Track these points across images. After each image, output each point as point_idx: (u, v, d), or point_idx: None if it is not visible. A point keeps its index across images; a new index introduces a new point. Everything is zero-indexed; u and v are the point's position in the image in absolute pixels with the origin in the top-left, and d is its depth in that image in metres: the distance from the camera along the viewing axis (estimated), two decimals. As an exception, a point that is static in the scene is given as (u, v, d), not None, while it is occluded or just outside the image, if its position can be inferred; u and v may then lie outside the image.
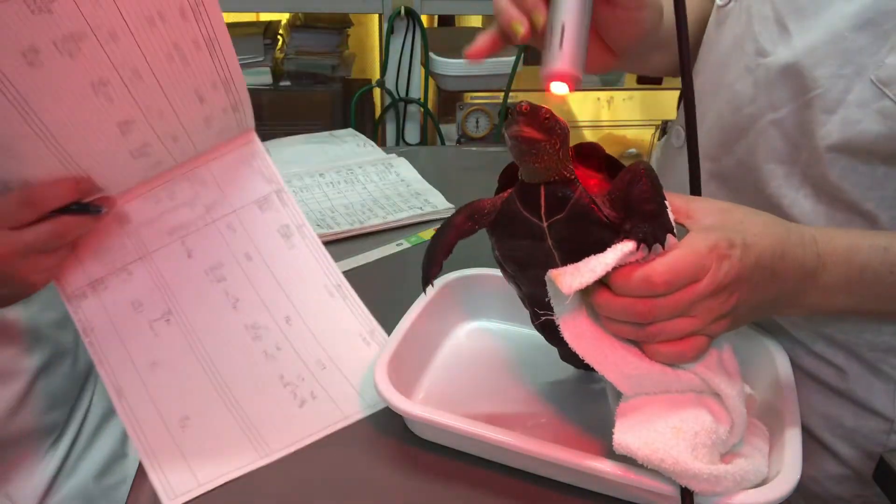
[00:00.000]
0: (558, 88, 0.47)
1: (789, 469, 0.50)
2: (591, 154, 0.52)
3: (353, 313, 0.66)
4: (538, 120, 0.45)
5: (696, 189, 0.52)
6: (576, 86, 0.47)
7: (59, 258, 0.59)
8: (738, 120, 0.62)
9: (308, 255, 0.66)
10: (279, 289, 0.65)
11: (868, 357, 0.62)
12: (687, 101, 0.53)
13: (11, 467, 0.75)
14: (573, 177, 0.48)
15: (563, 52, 0.46)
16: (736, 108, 0.62)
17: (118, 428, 0.87)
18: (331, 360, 0.64)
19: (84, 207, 0.59)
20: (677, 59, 0.52)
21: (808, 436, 0.65)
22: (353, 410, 0.62)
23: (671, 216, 0.47)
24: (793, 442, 0.52)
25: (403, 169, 1.08)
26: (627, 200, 0.46)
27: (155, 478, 0.56)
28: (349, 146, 1.16)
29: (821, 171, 0.57)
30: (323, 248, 0.67)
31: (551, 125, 0.46)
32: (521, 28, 0.49)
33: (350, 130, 1.24)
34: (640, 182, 0.46)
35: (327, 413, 0.61)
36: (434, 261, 0.55)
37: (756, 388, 0.59)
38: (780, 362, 0.60)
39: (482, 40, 0.52)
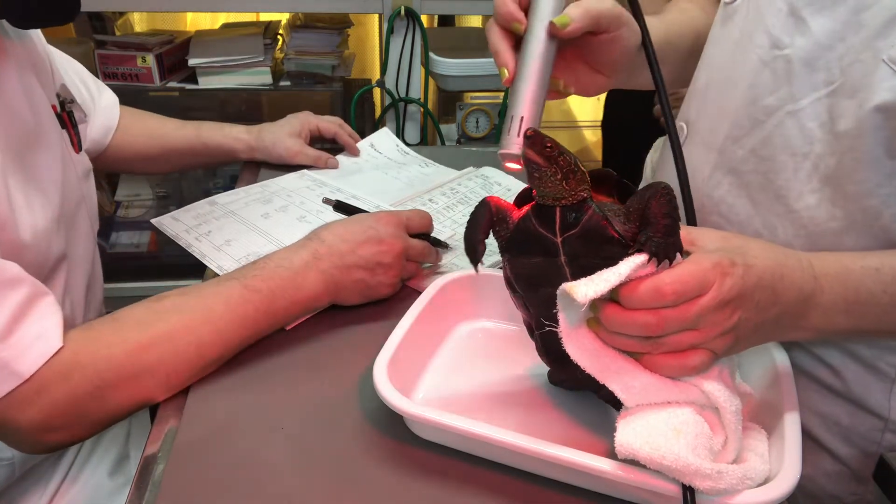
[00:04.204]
0: (512, 166, 0.55)
1: (789, 468, 0.50)
2: (604, 179, 0.55)
3: None
4: (538, 146, 0.49)
5: (684, 184, 0.55)
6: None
7: (407, 274, 0.77)
8: (753, 112, 0.62)
9: None
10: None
11: (865, 355, 0.62)
12: (665, 115, 0.55)
13: (22, 480, 0.75)
14: (588, 196, 0.50)
15: (520, 140, 0.53)
16: (750, 100, 0.62)
17: (121, 429, 0.87)
18: None
19: (438, 241, 0.83)
20: (669, 72, 0.58)
21: (805, 434, 0.65)
22: None
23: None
24: (792, 441, 0.52)
25: (500, 177, 1.08)
26: (645, 214, 0.49)
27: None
28: (414, 168, 1.12)
29: (832, 164, 0.58)
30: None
31: (552, 154, 0.49)
32: (506, 74, 0.57)
33: (385, 131, 1.21)
34: (660, 199, 0.48)
35: None
36: (478, 239, 0.57)
37: (755, 386, 0.59)
38: (779, 361, 0.60)
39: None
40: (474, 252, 0.58)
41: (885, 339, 0.62)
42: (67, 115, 0.77)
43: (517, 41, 0.57)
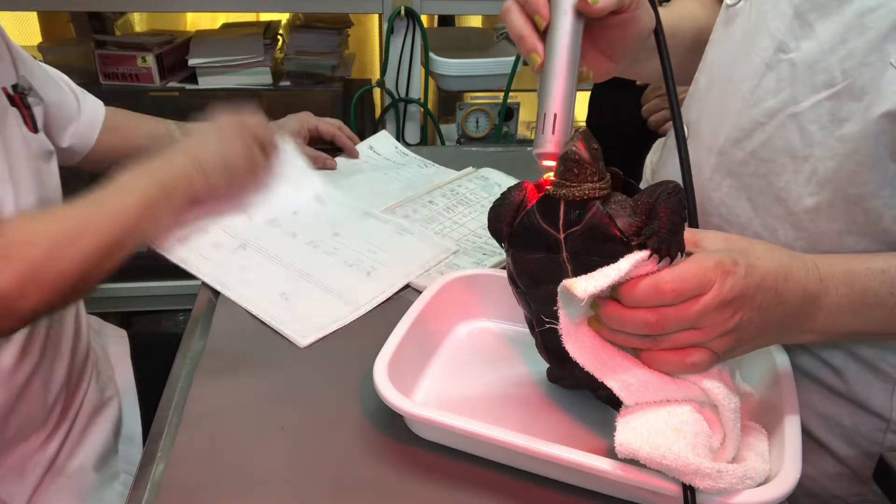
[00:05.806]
0: (549, 164, 0.54)
1: (789, 468, 0.50)
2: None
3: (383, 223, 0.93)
4: (588, 143, 0.50)
5: (688, 184, 0.55)
6: None
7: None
8: (754, 114, 0.62)
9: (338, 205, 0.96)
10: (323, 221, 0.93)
11: (867, 355, 0.62)
12: (673, 109, 0.56)
13: (2, 467, 0.75)
14: (595, 195, 0.50)
15: (555, 138, 0.53)
16: (752, 102, 0.62)
17: (109, 423, 0.87)
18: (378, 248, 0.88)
19: None
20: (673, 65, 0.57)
21: (807, 435, 0.65)
22: (407, 277, 0.82)
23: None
24: (793, 441, 0.52)
25: (499, 178, 1.08)
26: (653, 209, 0.49)
27: (283, 329, 0.73)
28: (413, 169, 1.12)
29: (831, 167, 0.57)
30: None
31: (597, 155, 0.50)
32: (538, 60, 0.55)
33: (384, 134, 1.21)
34: (671, 197, 0.48)
35: (389, 278, 0.82)
36: (504, 221, 0.55)
37: (756, 387, 0.59)
38: (780, 362, 0.60)
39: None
40: (498, 234, 0.57)
41: (887, 340, 0.61)
42: (19, 95, 0.79)
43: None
